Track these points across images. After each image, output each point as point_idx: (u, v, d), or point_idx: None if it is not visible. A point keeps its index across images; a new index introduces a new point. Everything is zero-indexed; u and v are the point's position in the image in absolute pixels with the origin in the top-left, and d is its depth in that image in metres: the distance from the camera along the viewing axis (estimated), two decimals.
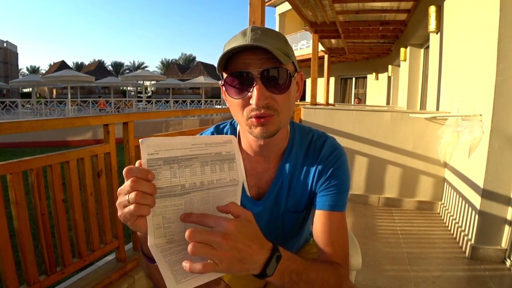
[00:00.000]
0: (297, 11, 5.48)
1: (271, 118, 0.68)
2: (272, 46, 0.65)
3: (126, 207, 0.49)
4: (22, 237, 1.42)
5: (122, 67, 60.76)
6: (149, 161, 0.49)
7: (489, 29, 2.15)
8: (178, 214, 0.52)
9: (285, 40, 0.71)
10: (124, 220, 0.51)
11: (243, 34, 0.68)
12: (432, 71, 4.11)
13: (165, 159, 0.50)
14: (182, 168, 0.51)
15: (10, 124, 1.38)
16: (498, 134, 2.10)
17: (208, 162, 0.54)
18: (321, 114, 3.53)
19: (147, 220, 0.50)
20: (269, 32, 0.69)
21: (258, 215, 0.82)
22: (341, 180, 0.77)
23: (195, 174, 0.52)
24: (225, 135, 0.58)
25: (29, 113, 13.96)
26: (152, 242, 0.50)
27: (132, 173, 0.49)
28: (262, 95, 0.65)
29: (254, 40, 0.65)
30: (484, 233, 2.22)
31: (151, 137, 0.49)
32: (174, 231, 0.52)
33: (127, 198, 0.49)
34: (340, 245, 0.74)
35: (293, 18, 14.77)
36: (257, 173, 0.81)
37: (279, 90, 0.68)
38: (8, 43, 35.72)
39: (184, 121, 10.24)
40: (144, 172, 0.49)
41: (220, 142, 0.56)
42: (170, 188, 0.50)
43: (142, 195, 0.48)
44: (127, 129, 1.95)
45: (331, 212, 0.75)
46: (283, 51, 0.67)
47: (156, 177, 0.49)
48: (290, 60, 0.68)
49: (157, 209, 0.50)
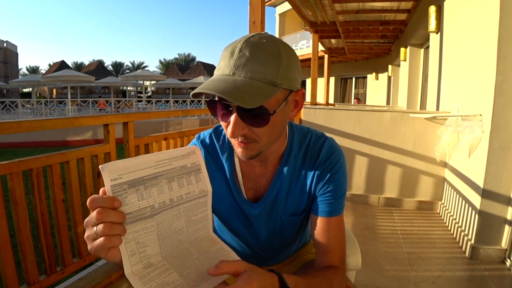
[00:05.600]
0: (297, 11, 5.48)
1: (250, 144, 0.66)
2: (256, 74, 0.59)
3: (96, 240, 0.46)
4: (22, 237, 1.42)
5: (122, 67, 60.73)
6: (113, 187, 0.46)
7: (489, 29, 2.15)
8: (151, 237, 0.50)
9: (278, 59, 0.61)
10: (95, 254, 0.47)
11: (231, 54, 0.61)
12: (432, 71, 4.11)
13: (129, 182, 0.47)
14: (148, 189, 0.49)
15: (10, 124, 1.38)
16: (498, 134, 2.10)
17: (174, 178, 0.52)
18: (321, 114, 3.53)
19: (120, 249, 0.47)
20: (260, 54, 0.60)
21: (256, 217, 0.82)
22: (339, 185, 0.77)
23: (163, 192, 0.51)
24: (187, 147, 0.57)
25: (29, 113, 13.96)
26: (129, 271, 0.48)
27: (96, 203, 0.45)
28: (237, 127, 0.62)
29: (236, 66, 0.60)
30: (484, 233, 2.22)
31: (112, 162, 0.46)
32: (150, 254, 0.50)
33: (95, 231, 0.46)
34: (337, 248, 0.76)
35: (293, 18, 14.78)
36: (254, 176, 0.80)
37: (257, 124, 0.63)
38: (8, 43, 35.73)
39: (184, 121, 10.24)
40: (109, 200, 0.45)
41: (184, 155, 0.55)
42: (139, 211, 0.48)
43: (111, 225, 0.45)
44: (127, 129, 1.95)
45: (329, 218, 0.76)
46: (268, 80, 0.60)
47: (123, 202, 0.46)
48: (277, 90, 0.61)
49: (129, 236, 0.47)
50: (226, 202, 0.82)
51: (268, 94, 0.59)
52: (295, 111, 0.71)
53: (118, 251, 0.47)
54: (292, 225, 0.85)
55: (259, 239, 0.87)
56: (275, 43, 0.63)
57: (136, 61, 72.67)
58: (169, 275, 0.50)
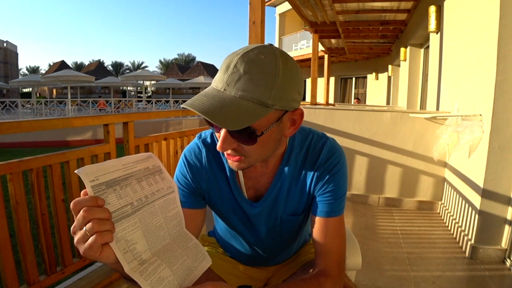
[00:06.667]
0: (297, 11, 5.48)
1: (240, 158, 0.66)
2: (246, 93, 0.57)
3: (87, 240, 0.46)
4: (22, 237, 1.42)
5: (122, 67, 60.73)
6: (93, 187, 0.48)
7: (489, 29, 2.15)
8: (138, 234, 0.52)
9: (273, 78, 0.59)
10: (89, 256, 0.47)
11: (226, 68, 0.59)
12: (432, 71, 4.11)
13: (106, 183, 0.49)
14: (124, 188, 0.51)
15: (10, 124, 1.38)
16: (498, 134, 2.10)
17: (142, 178, 0.55)
18: (321, 114, 3.53)
19: (113, 249, 0.48)
20: (254, 72, 0.58)
21: (256, 216, 0.82)
22: (339, 186, 0.77)
23: (137, 191, 0.53)
24: (143, 153, 0.59)
25: (29, 113, 13.96)
26: (128, 268, 0.49)
27: (81, 204, 0.46)
28: (226, 142, 0.62)
29: (228, 83, 0.58)
30: (484, 233, 2.22)
31: (85, 166, 0.48)
32: (141, 251, 0.52)
33: (85, 230, 0.46)
34: (334, 249, 0.75)
35: (293, 18, 14.77)
36: (255, 176, 0.80)
37: (246, 142, 0.62)
38: (8, 43, 35.73)
39: (184, 121, 10.23)
40: (93, 199, 0.46)
41: (144, 159, 0.57)
42: (121, 209, 0.50)
43: (100, 221, 0.46)
44: (127, 129, 1.95)
45: (328, 218, 0.76)
46: (259, 100, 0.58)
47: (105, 201, 0.48)
48: (267, 111, 0.59)
49: (118, 234, 0.49)
50: (226, 201, 0.82)
51: (256, 115, 0.58)
52: (291, 129, 0.69)
53: (110, 250, 0.48)
54: (292, 224, 0.85)
55: (259, 238, 0.87)
56: (274, 61, 0.60)
57: (136, 61, 72.64)
58: (163, 270, 0.52)
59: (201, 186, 0.81)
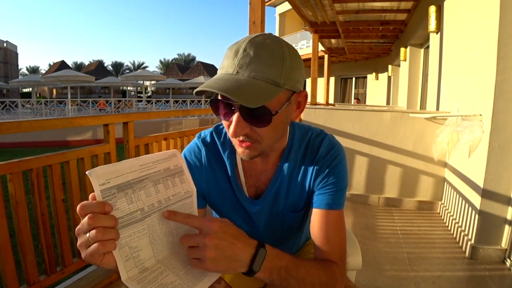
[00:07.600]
0: (297, 11, 5.48)
1: (252, 144, 0.66)
2: (259, 74, 0.59)
3: (90, 247, 0.45)
4: (22, 237, 1.42)
5: (122, 67, 60.72)
6: (102, 192, 0.46)
7: (489, 29, 2.15)
8: (144, 240, 0.50)
9: (282, 60, 0.62)
10: (90, 261, 0.46)
11: (235, 53, 0.62)
12: (432, 71, 4.11)
13: (118, 186, 0.47)
14: (136, 192, 0.49)
15: (10, 124, 1.38)
16: (498, 134, 2.10)
17: (160, 180, 0.53)
18: (321, 114, 3.53)
19: (115, 256, 0.47)
20: (264, 54, 0.61)
21: (257, 214, 0.82)
22: (339, 178, 0.76)
23: (151, 195, 0.51)
24: (168, 151, 0.57)
25: (29, 113, 13.96)
26: (126, 277, 0.48)
27: (87, 209, 0.45)
28: (239, 126, 0.62)
29: (240, 66, 0.60)
30: (484, 233, 2.22)
31: (99, 167, 0.47)
32: (144, 259, 0.50)
33: (88, 237, 0.45)
34: (337, 243, 0.74)
35: (293, 18, 14.78)
36: (255, 173, 0.80)
37: (260, 124, 0.63)
38: (8, 43, 35.74)
39: (184, 121, 10.23)
40: (100, 205, 0.45)
41: (166, 158, 0.56)
42: (130, 215, 0.48)
43: (104, 230, 0.45)
44: (127, 129, 1.95)
45: (329, 210, 0.75)
46: (272, 80, 0.60)
47: (113, 207, 0.46)
48: (280, 90, 0.62)
49: (122, 240, 0.47)
50: (227, 200, 0.83)
51: (271, 94, 0.60)
52: (297, 112, 0.71)
53: (112, 258, 0.47)
54: (293, 221, 0.85)
55: (260, 236, 0.87)
56: (279, 44, 0.63)
57: (136, 61, 72.73)
58: (166, 276, 0.51)
59: (201, 186, 0.81)
